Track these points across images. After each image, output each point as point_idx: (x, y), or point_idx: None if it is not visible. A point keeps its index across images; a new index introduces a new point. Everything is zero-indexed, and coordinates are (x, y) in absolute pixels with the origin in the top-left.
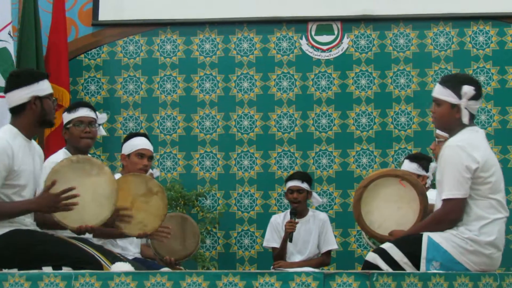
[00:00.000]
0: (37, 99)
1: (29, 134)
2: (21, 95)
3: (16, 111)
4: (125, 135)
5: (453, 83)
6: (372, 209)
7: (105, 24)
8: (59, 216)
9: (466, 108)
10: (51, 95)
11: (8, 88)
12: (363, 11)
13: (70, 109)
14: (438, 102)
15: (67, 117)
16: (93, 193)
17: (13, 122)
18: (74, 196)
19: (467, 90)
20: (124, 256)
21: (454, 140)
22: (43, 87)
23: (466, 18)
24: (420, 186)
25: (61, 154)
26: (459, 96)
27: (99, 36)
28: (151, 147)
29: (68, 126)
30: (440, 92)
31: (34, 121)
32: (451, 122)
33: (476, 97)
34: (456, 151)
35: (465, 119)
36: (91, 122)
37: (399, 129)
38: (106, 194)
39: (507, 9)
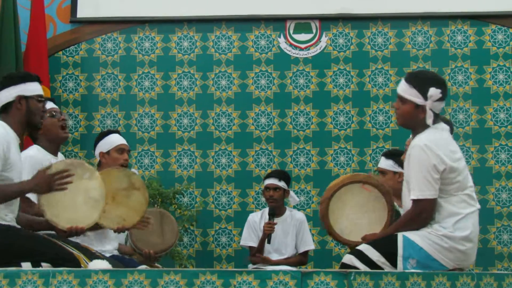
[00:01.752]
0: (22, 98)
1: (18, 133)
2: (8, 94)
3: (4, 110)
4: None
5: (420, 83)
6: (341, 217)
7: (83, 21)
8: (50, 215)
9: (430, 109)
10: (39, 96)
11: None
12: (342, 9)
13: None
14: (403, 99)
15: None
16: (85, 196)
17: (3, 120)
18: (69, 175)
19: (434, 93)
20: (101, 253)
21: (421, 139)
22: (30, 88)
23: (444, 17)
24: (382, 186)
25: (35, 150)
26: (425, 97)
27: (77, 33)
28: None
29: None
30: (405, 90)
31: (20, 121)
32: (415, 121)
33: (441, 98)
34: (424, 151)
35: (429, 120)
36: (61, 113)
37: (377, 127)
38: (97, 197)
39: (486, 8)
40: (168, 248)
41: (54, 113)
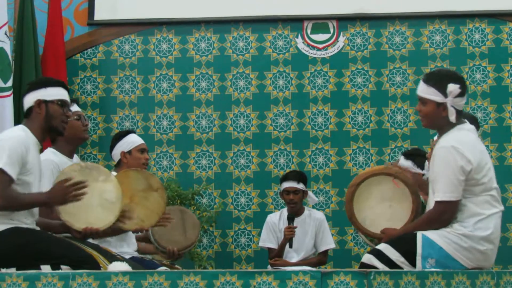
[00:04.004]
0: (42, 103)
1: (39, 138)
2: (29, 99)
3: (26, 115)
4: None
5: (438, 81)
6: (365, 207)
7: (100, 23)
8: (65, 215)
9: (452, 106)
10: (60, 101)
11: (23, 95)
12: (359, 9)
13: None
14: (423, 101)
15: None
16: (100, 198)
17: (25, 125)
18: (84, 187)
19: (453, 88)
20: (121, 255)
21: (447, 140)
22: (51, 93)
23: (462, 16)
24: (412, 185)
25: (50, 153)
26: (445, 94)
27: (94, 35)
28: None
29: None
30: (424, 90)
31: (41, 125)
32: (438, 121)
33: (462, 94)
34: (451, 152)
35: (452, 117)
36: (85, 118)
37: (396, 127)
38: (112, 200)
39: (503, 6)
40: (191, 245)
41: (79, 116)
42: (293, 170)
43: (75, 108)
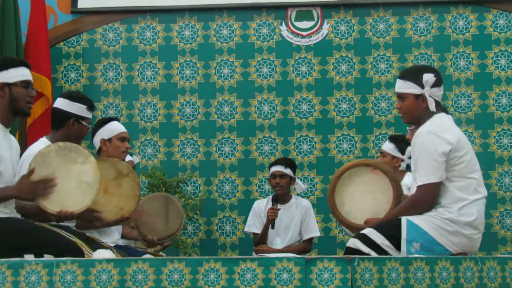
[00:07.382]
0: (5, 86)
1: (4, 122)
2: None
3: None
4: None
5: (413, 74)
6: (347, 200)
7: (84, 11)
8: (41, 199)
9: (430, 96)
10: (23, 82)
11: None
12: None
13: (92, 107)
14: (402, 96)
15: (84, 111)
16: (77, 181)
17: None
18: (53, 185)
19: (428, 77)
20: (106, 242)
21: (424, 127)
22: (13, 74)
23: (445, 3)
24: (392, 173)
25: (42, 144)
26: (421, 85)
27: (78, 23)
28: None
29: (81, 121)
30: (402, 86)
31: (6, 108)
32: (419, 113)
33: (437, 83)
34: (428, 137)
35: (432, 106)
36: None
37: (380, 114)
38: (90, 182)
39: None
40: (172, 235)
41: (89, 126)
42: (283, 157)
43: (90, 116)
